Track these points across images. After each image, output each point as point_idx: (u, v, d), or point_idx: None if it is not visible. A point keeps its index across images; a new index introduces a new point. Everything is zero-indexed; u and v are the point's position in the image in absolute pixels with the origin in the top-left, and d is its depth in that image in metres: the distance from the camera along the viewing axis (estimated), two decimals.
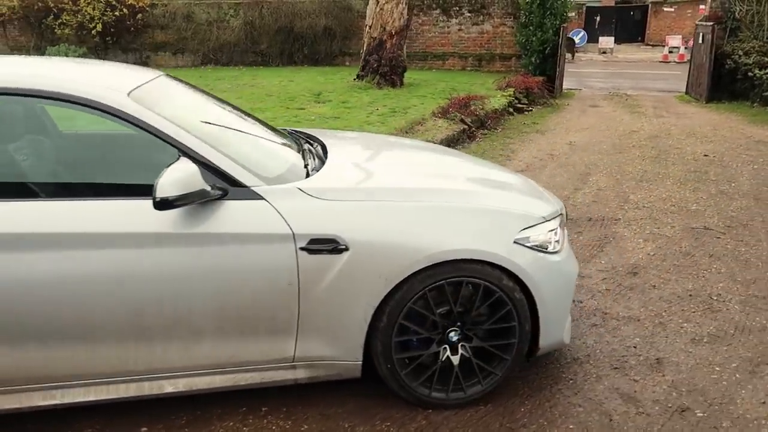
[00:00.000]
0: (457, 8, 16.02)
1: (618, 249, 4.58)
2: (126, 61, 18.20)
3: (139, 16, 17.60)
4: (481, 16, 15.97)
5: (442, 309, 2.61)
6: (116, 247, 2.30)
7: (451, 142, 8.40)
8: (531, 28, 14.50)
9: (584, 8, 30.45)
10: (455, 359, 2.67)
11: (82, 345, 2.36)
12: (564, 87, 14.66)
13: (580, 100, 13.55)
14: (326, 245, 2.44)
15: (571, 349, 3.22)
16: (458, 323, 2.65)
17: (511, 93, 12.08)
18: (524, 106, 12.01)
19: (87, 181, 2.82)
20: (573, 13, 28.92)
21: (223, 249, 2.38)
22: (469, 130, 9.13)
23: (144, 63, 18.12)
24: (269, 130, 3.36)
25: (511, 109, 11.30)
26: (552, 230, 2.81)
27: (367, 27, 12.11)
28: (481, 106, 10.04)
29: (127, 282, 2.32)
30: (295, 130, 3.65)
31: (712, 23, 13.27)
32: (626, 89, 15.56)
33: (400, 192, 2.65)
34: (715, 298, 3.80)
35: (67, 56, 17.33)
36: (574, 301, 3.74)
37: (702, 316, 3.57)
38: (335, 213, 2.48)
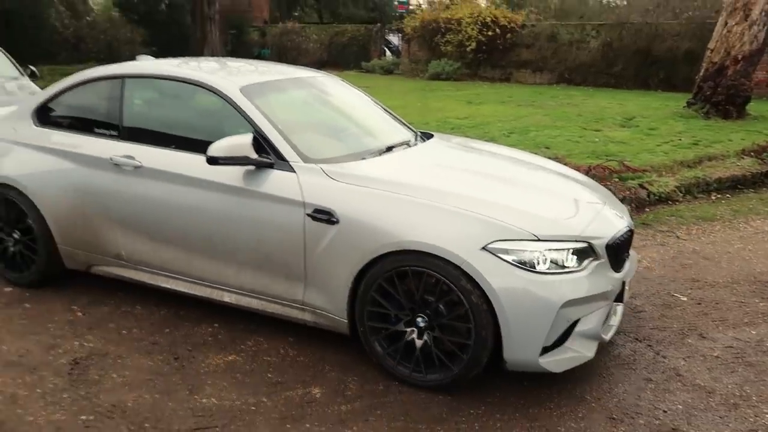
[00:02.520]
0: None
1: None
2: (492, 77, 20.14)
3: (509, 35, 19.16)
4: None
5: (414, 294, 2.91)
6: (197, 188, 3.35)
7: (738, 183, 7.29)
8: None
9: None
10: (418, 343, 2.93)
11: (183, 252, 3.50)
12: None
13: None
14: (325, 215, 3.03)
15: (589, 387, 3.02)
16: (426, 311, 2.90)
17: None
18: None
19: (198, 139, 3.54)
20: None
21: (261, 204, 3.20)
22: None
23: (506, 79, 19.67)
24: (393, 128, 4.06)
25: None
26: (555, 250, 2.79)
27: (709, 51, 10.91)
28: None
29: (202, 214, 3.35)
30: (424, 133, 4.19)
31: None
32: None
33: (397, 185, 3.02)
34: None
35: (443, 70, 20.13)
36: (655, 350, 3.36)
37: None
38: (337, 192, 3.05)
